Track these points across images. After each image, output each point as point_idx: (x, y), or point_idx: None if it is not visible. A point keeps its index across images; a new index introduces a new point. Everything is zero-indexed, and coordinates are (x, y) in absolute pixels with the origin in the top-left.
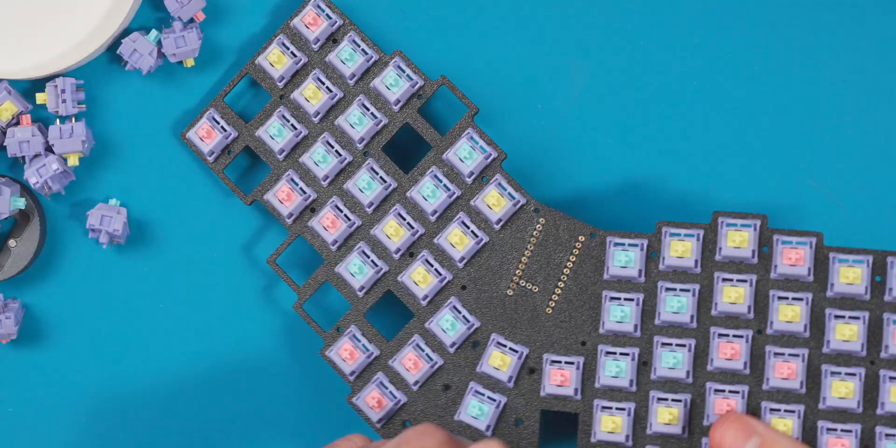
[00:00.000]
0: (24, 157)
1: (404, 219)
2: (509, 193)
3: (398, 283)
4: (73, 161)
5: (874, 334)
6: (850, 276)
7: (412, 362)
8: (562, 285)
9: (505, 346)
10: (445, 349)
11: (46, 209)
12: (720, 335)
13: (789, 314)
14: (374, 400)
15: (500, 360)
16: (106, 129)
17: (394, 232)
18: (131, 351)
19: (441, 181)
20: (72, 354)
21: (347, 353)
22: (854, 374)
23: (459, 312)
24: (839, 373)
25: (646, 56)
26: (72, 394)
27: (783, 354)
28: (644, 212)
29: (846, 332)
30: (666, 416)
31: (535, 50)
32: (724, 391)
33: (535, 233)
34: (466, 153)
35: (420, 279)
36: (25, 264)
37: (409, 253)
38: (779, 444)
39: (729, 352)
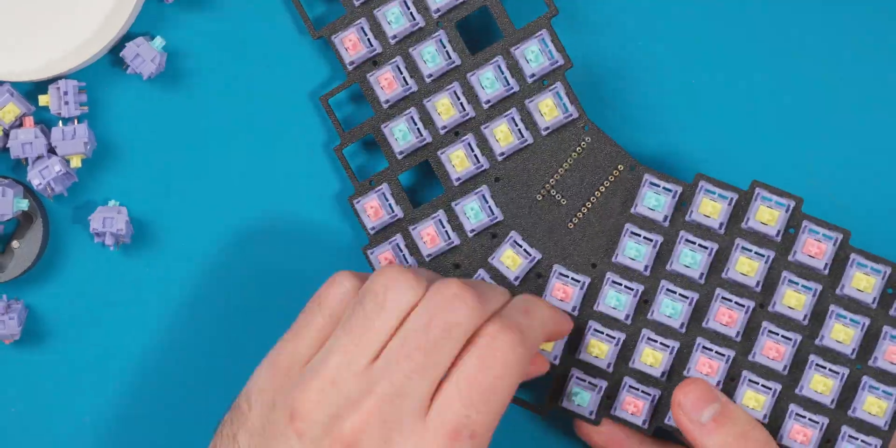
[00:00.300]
0: (26, 159)
1: (458, 99)
2: (564, 104)
3: (436, 157)
4: (75, 162)
5: (868, 343)
6: (863, 282)
7: (430, 236)
8: (589, 205)
9: (521, 246)
10: (465, 232)
11: (49, 210)
12: (723, 298)
13: (793, 301)
14: (386, 260)
15: (511, 259)
16: (108, 131)
17: (445, 109)
18: (134, 351)
19: (503, 73)
20: (75, 355)
21: (373, 209)
22: (837, 373)
23: (486, 202)
24: (823, 367)
25: None
26: (74, 394)
27: (777, 335)
28: (686, 160)
29: (842, 335)
30: (650, 357)
31: None
32: (711, 350)
33: (578, 149)
34: (533, 55)
35: (458, 161)
36: (28, 265)
37: (455, 132)
38: (736, 415)
39: (726, 317)
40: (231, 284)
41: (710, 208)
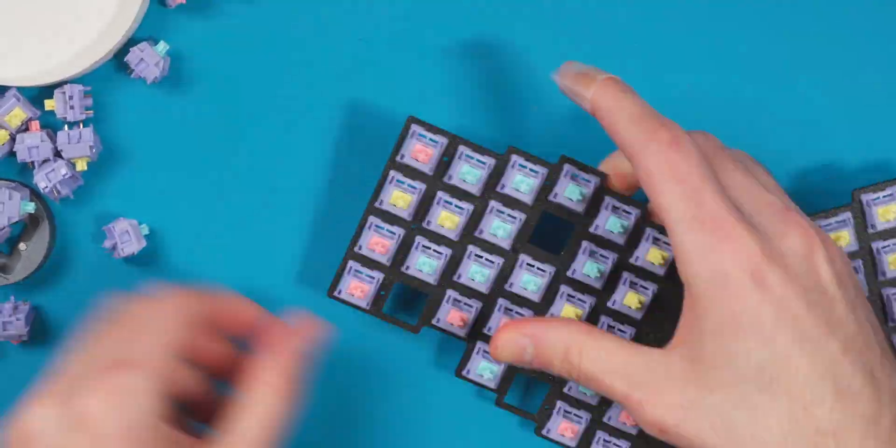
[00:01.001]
0: (33, 163)
1: (573, 297)
2: (664, 242)
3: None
4: (81, 166)
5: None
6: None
7: (627, 420)
8: None
9: None
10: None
11: (55, 213)
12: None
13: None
14: (567, 430)
15: None
16: (113, 135)
17: (570, 313)
18: None
19: (596, 252)
20: None
21: (567, 429)
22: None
23: None
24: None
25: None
26: None
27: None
28: None
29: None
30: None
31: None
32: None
33: None
34: (616, 225)
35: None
36: (35, 267)
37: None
38: None
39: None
40: (235, 283)
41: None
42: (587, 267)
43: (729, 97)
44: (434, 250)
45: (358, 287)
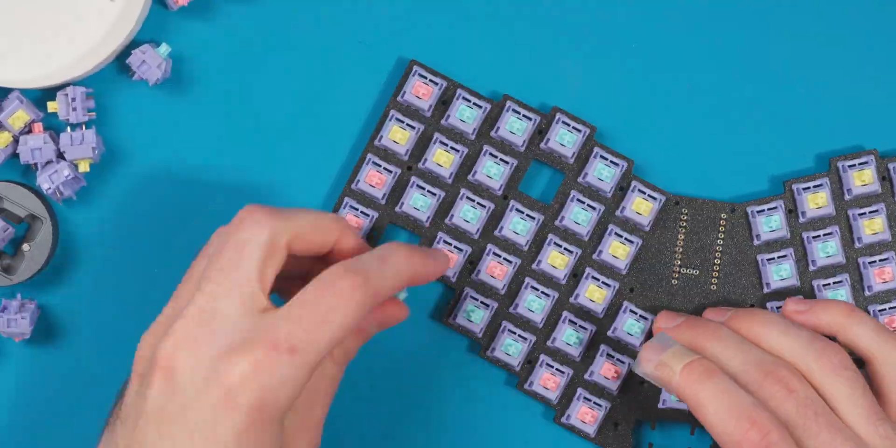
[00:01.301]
0: (36, 164)
1: (561, 246)
2: (649, 195)
3: (573, 305)
4: (83, 167)
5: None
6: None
7: (611, 372)
8: (718, 261)
9: None
10: (634, 349)
11: (58, 214)
12: (870, 263)
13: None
14: (586, 415)
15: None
16: (115, 136)
17: (557, 261)
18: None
19: (584, 202)
20: (83, 355)
21: (548, 381)
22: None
23: (636, 313)
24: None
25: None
26: (83, 391)
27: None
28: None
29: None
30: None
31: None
32: (885, 310)
33: (682, 223)
34: (605, 172)
35: (594, 295)
36: (39, 268)
37: (574, 274)
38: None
39: (885, 275)
40: None
41: (818, 200)
42: (576, 215)
43: (729, 97)
44: (428, 190)
45: (353, 221)
